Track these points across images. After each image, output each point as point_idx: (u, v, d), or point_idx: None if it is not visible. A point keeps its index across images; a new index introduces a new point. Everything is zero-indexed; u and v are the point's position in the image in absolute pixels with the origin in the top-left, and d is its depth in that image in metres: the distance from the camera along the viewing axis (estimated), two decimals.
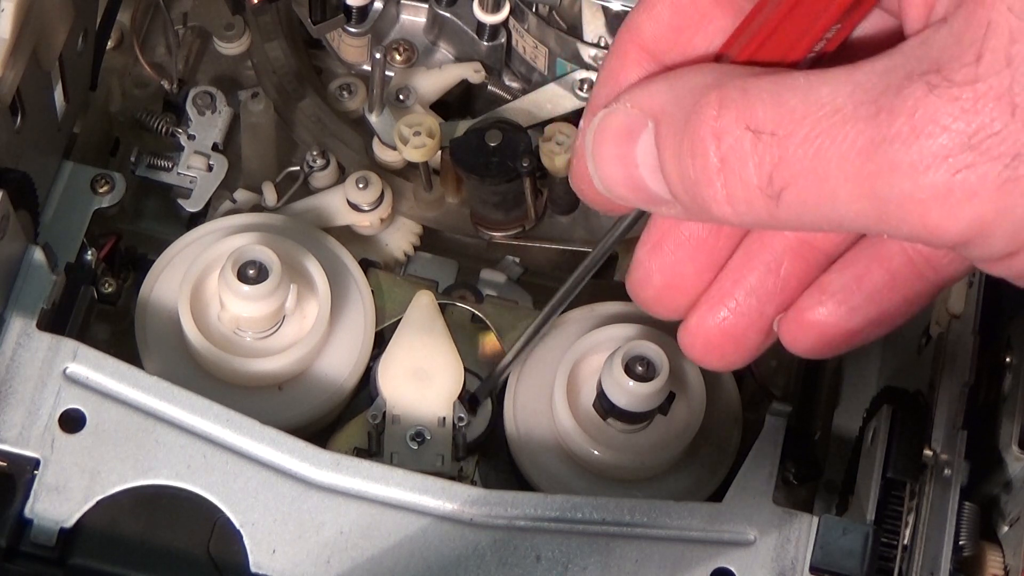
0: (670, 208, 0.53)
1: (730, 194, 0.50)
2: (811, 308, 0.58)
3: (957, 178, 0.46)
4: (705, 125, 0.50)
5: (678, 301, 0.60)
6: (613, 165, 0.54)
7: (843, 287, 0.57)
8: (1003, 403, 0.72)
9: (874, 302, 0.57)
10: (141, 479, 0.71)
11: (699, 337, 0.60)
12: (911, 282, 0.57)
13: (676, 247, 0.58)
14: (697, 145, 0.50)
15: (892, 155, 0.46)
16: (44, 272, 0.76)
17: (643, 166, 0.53)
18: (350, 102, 0.92)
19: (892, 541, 0.71)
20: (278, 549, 0.70)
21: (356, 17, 0.92)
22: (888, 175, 0.46)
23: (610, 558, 0.71)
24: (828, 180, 0.48)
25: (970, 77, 0.45)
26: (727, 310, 0.59)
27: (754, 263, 0.58)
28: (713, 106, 0.50)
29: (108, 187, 0.84)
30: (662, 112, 0.52)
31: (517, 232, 0.86)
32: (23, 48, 0.75)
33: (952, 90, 0.45)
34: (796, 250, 0.57)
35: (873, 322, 0.58)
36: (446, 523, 0.71)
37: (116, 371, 0.73)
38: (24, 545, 0.70)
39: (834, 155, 0.47)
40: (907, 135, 0.46)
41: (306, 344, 0.78)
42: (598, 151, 0.54)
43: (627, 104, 0.53)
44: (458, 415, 0.78)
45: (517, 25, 0.89)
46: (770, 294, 0.58)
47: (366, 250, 0.86)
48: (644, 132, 0.52)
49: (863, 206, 0.48)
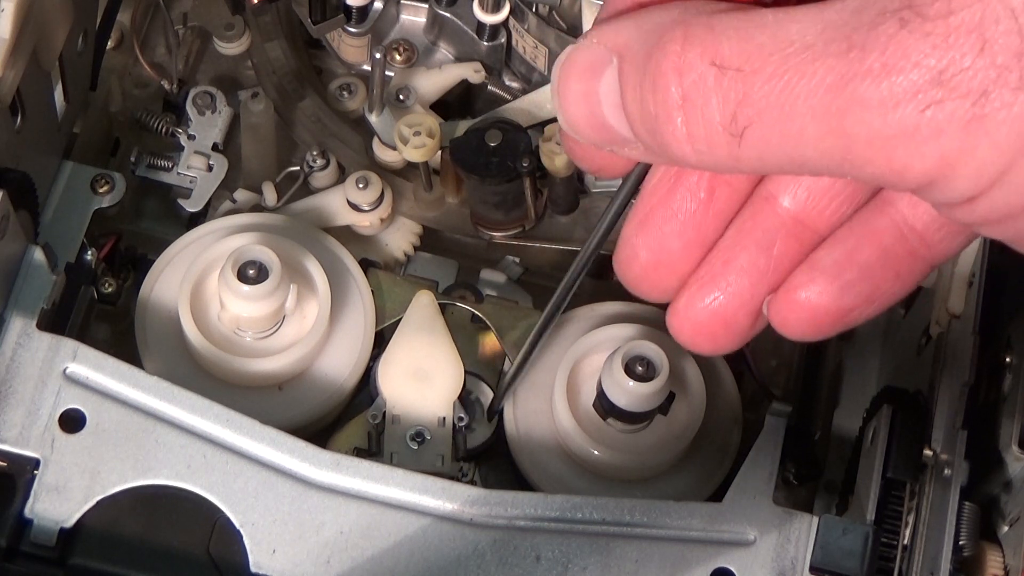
0: (632, 149, 0.52)
1: (691, 132, 0.49)
2: (802, 287, 0.56)
3: (926, 115, 0.45)
4: (668, 60, 0.49)
5: (666, 281, 0.57)
6: (577, 102, 0.53)
7: (834, 263, 0.55)
8: (1003, 403, 0.72)
9: (866, 279, 0.55)
10: (141, 479, 0.71)
11: (688, 320, 0.57)
12: (903, 258, 0.55)
13: (663, 223, 0.56)
14: (659, 80, 0.49)
15: (862, 91, 0.46)
16: (44, 272, 0.76)
17: (606, 104, 0.52)
18: (350, 102, 0.92)
19: (892, 541, 0.71)
20: (278, 549, 0.70)
21: (356, 17, 0.92)
22: (858, 111, 0.46)
23: (610, 558, 0.71)
24: (794, 117, 0.47)
25: (943, 11, 0.45)
26: (718, 291, 0.56)
27: (745, 242, 0.56)
28: (677, 41, 0.49)
29: (108, 187, 0.84)
30: (626, 47, 0.51)
31: (517, 232, 0.86)
32: (23, 48, 0.75)
33: (925, 25, 0.45)
34: (789, 229, 0.56)
35: (866, 300, 0.56)
36: (446, 523, 0.71)
37: (116, 371, 0.73)
38: (24, 545, 0.70)
39: (802, 91, 0.46)
40: (878, 71, 0.45)
41: (306, 344, 0.78)
42: (563, 87, 0.53)
43: (593, 40, 0.52)
44: (458, 415, 0.78)
45: (517, 25, 0.89)
46: (762, 274, 0.56)
47: (366, 250, 0.86)
48: (608, 68, 0.51)
49: (829, 145, 0.47)
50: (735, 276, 0.56)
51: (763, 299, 0.57)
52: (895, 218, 0.55)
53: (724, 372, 0.81)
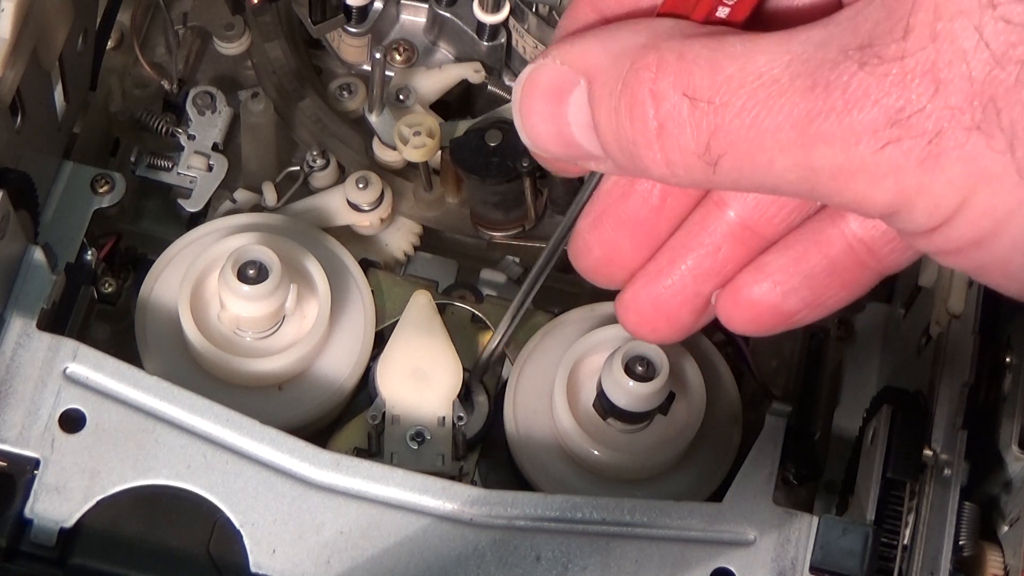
0: (601, 164, 0.54)
1: (668, 158, 0.50)
2: (748, 286, 0.58)
3: (885, 151, 0.47)
4: (643, 87, 0.50)
5: (615, 274, 0.60)
6: (542, 121, 0.54)
7: (780, 268, 0.57)
8: (1003, 403, 0.72)
9: (810, 286, 0.57)
10: (141, 479, 0.71)
11: (632, 310, 0.60)
12: (850, 269, 0.57)
13: (615, 225, 0.59)
14: (636, 108, 0.50)
15: (826, 128, 0.47)
16: (44, 272, 0.76)
17: (575, 124, 0.53)
18: (350, 102, 0.92)
19: (892, 541, 0.71)
20: (278, 549, 0.70)
21: (356, 17, 0.92)
22: (822, 147, 0.48)
23: (610, 558, 0.71)
24: (764, 150, 0.48)
25: (898, 53, 0.46)
26: (662, 287, 0.59)
27: (693, 244, 0.58)
28: (651, 68, 0.50)
29: (108, 187, 0.84)
30: (596, 70, 0.52)
31: (517, 232, 0.86)
32: (23, 48, 0.75)
33: (882, 67, 0.46)
34: (737, 235, 0.58)
35: (809, 305, 0.58)
36: (446, 523, 0.71)
37: (116, 371, 0.73)
38: (24, 545, 0.70)
39: (770, 126, 0.48)
40: (840, 109, 0.47)
41: (306, 344, 0.78)
42: (526, 106, 0.54)
43: (556, 61, 0.53)
44: (457, 414, 0.78)
45: (517, 25, 0.89)
46: (706, 275, 0.58)
47: (366, 250, 0.86)
48: (576, 89, 0.53)
49: (797, 176, 0.49)
50: (680, 275, 0.59)
51: (707, 296, 0.59)
52: (844, 230, 0.57)
53: (724, 372, 0.81)
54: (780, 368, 0.86)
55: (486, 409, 0.80)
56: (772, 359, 0.85)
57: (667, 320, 0.60)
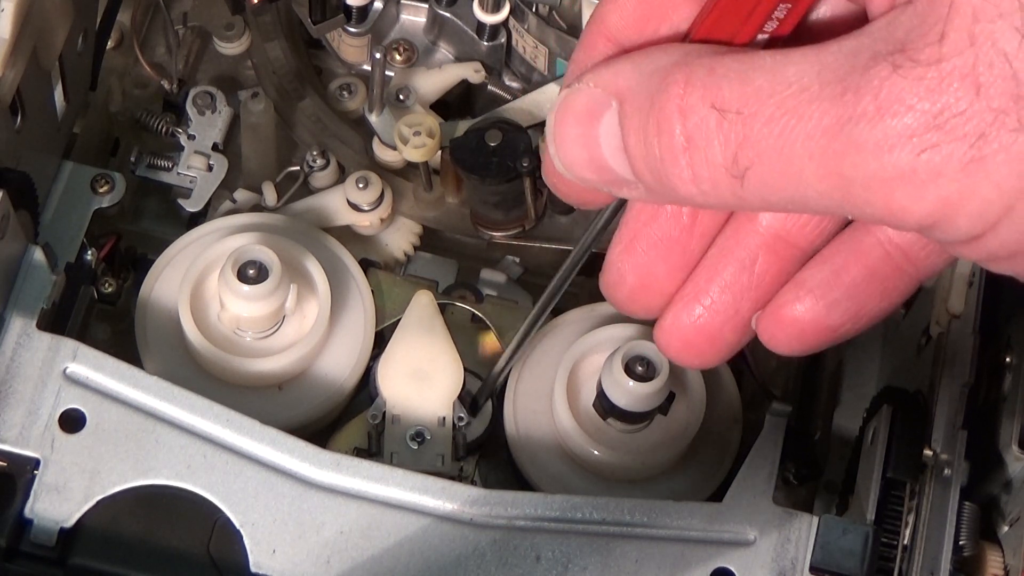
0: (633, 189, 0.53)
1: (695, 173, 0.50)
2: (789, 304, 0.57)
3: (922, 158, 0.45)
4: (671, 103, 0.49)
5: (652, 301, 0.59)
6: (575, 146, 0.53)
7: (821, 283, 0.56)
8: (1003, 403, 0.72)
9: (853, 297, 0.56)
10: (141, 479, 0.71)
11: (674, 336, 0.59)
12: (889, 276, 0.56)
13: (648, 248, 0.58)
14: (663, 123, 0.50)
15: (857, 135, 0.46)
16: (44, 272, 0.76)
17: (606, 146, 0.52)
18: (350, 102, 0.92)
19: (892, 541, 0.71)
20: (278, 549, 0.70)
21: (356, 17, 0.92)
22: (853, 155, 0.46)
23: (610, 558, 0.71)
24: (793, 160, 0.47)
25: (934, 57, 0.45)
26: (701, 307, 0.58)
27: (727, 260, 0.57)
28: (679, 84, 0.49)
29: (108, 187, 0.84)
30: (627, 91, 0.51)
31: (517, 232, 0.86)
32: (23, 48, 0.75)
33: (917, 70, 0.45)
34: (771, 246, 0.57)
35: (852, 317, 0.57)
36: (446, 523, 0.71)
37: (116, 371, 0.73)
38: (24, 545, 0.70)
39: (800, 134, 0.47)
40: (872, 115, 0.46)
41: (306, 344, 0.78)
42: (560, 131, 0.54)
43: (590, 84, 0.53)
44: (458, 415, 0.78)
45: (517, 25, 0.89)
46: (744, 290, 0.57)
47: (366, 250, 0.86)
48: (608, 112, 0.52)
49: (828, 186, 0.48)
50: (718, 293, 0.58)
51: (747, 314, 0.58)
52: (880, 237, 0.56)
53: (724, 372, 0.81)
54: (780, 368, 0.86)
55: (489, 412, 0.80)
56: (772, 359, 0.85)
57: (710, 342, 0.58)
